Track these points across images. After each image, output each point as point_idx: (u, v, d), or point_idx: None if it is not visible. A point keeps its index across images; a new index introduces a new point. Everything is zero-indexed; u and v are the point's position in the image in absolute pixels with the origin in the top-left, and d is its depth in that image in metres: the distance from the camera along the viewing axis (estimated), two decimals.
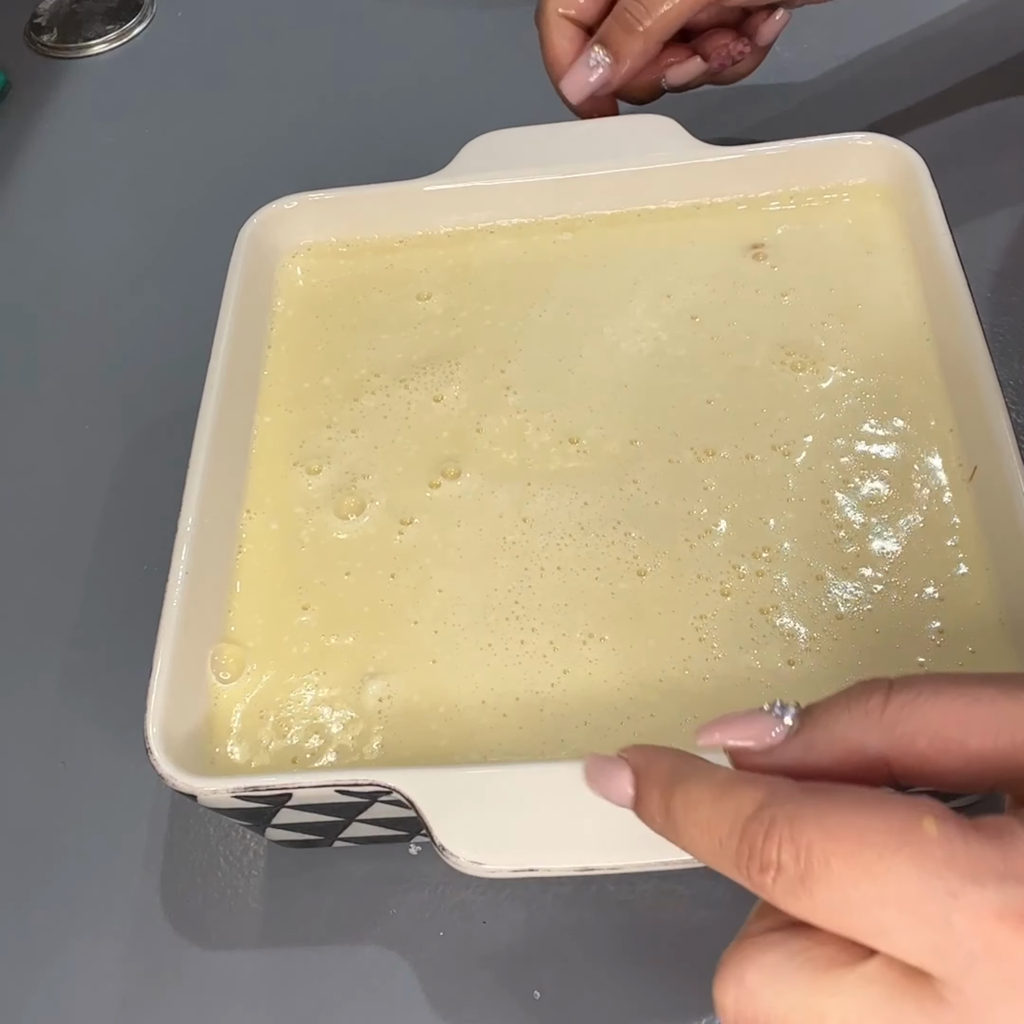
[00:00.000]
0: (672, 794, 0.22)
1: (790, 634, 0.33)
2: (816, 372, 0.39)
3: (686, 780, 0.22)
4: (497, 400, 0.40)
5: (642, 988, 0.33)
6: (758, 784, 0.21)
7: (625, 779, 0.24)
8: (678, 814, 0.22)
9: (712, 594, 0.34)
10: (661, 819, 0.23)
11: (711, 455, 0.37)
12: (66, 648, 0.42)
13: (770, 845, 0.20)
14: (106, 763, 0.39)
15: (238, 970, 0.35)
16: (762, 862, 0.20)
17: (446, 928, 0.35)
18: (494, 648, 0.34)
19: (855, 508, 0.35)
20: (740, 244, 0.42)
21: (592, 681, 0.33)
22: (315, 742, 0.33)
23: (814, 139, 0.42)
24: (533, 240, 0.44)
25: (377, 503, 0.38)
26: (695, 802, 0.22)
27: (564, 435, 0.38)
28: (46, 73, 0.65)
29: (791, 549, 0.35)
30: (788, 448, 0.37)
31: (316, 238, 0.45)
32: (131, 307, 0.53)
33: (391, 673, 0.34)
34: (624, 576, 0.35)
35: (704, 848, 0.22)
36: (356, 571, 0.36)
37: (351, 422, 0.40)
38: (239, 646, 0.35)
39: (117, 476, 0.47)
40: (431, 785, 0.29)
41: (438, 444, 0.39)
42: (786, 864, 0.20)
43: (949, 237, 0.38)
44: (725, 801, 0.21)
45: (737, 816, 0.21)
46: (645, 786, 0.24)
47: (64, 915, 0.37)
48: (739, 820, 0.21)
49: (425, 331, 0.42)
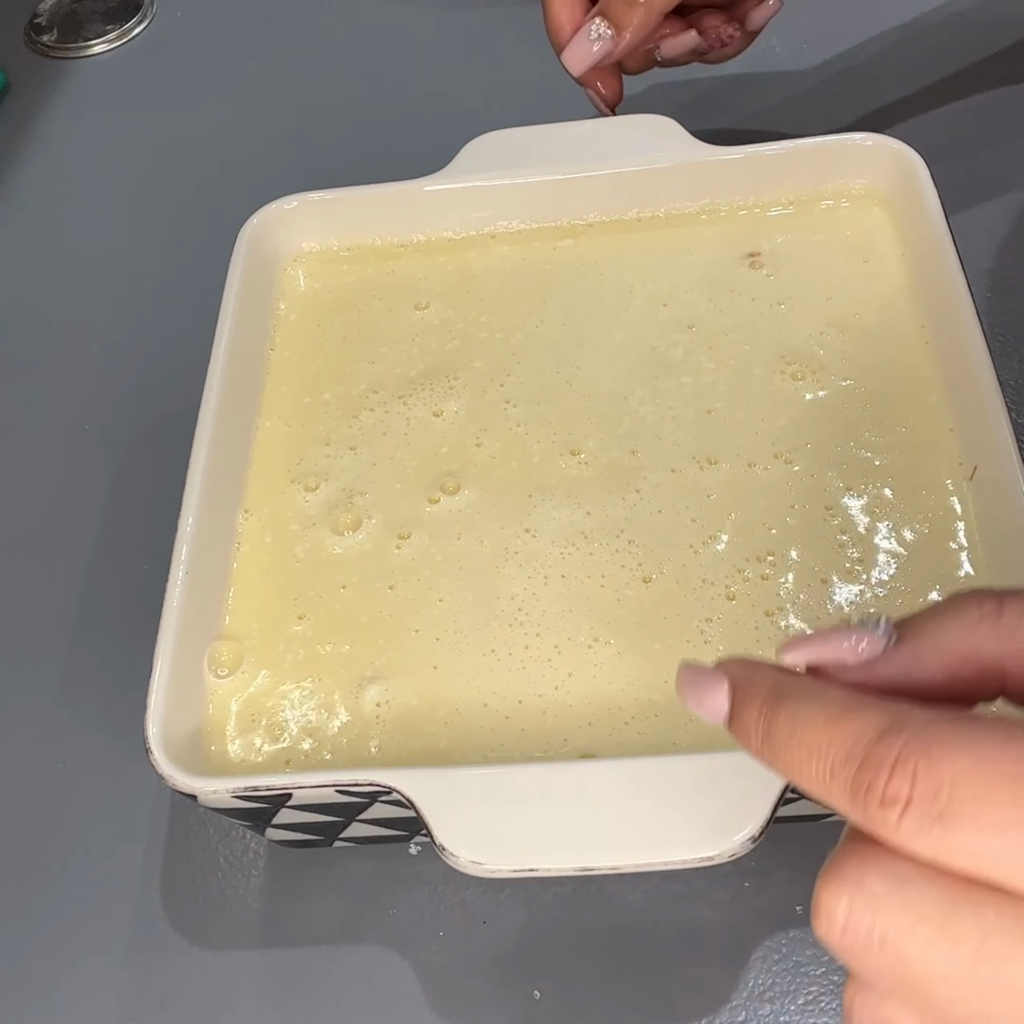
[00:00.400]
0: (776, 712, 0.20)
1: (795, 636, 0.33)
2: (816, 381, 0.39)
3: (793, 697, 0.20)
4: (497, 414, 0.40)
5: (642, 988, 0.33)
6: (882, 707, 0.19)
7: (721, 692, 0.22)
8: (781, 734, 0.20)
9: (717, 598, 0.34)
10: (759, 739, 0.21)
11: (713, 464, 0.37)
12: (66, 648, 0.42)
13: (900, 776, 0.18)
14: (106, 763, 0.39)
15: (238, 970, 0.35)
16: (886, 794, 0.18)
17: (446, 928, 0.35)
18: (497, 653, 0.34)
19: (857, 513, 0.35)
20: (737, 252, 0.42)
21: (597, 684, 0.33)
22: (309, 744, 0.33)
23: (814, 139, 0.42)
24: (534, 246, 0.44)
25: (374, 520, 0.37)
26: (804, 722, 0.20)
27: (565, 447, 0.38)
28: (46, 73, 0.65)
29: (795, 553, 0.35)
30: (790, 456, 0.37)
31: (317, 239, 0.45)
32: (131, 307, 0.53)
33: (390, 678, 0.34)
34: (629, 583, 0.35)
35: (809, 774, 0.19)
36: (353, 584, 0.36)
37: (350, 439, 0.40)
38: (236, 642, 0.35)
39: (117, 476, 0.47)
40: (431, 785, 0.29)
41: (437, 460, 0.39)
42: (919, 799, 0.18)
43: (949, 237, 0.38)
44: (842, 723, 0.19)
45: (857, 740, 0.19)
46: (743, 701, 0.22)
47: (64, 915, 0.37)
48: (859, 745, 0.19)
49: (423, 344, 0.42)
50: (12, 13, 0.68)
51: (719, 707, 0.22)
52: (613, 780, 0.29)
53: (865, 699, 0.20)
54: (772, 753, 0.21)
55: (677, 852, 0.28)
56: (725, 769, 0.29)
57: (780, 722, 0.20)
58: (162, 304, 0.52)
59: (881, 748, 0.18)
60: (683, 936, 0.34)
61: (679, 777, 0.29)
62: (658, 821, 0.28)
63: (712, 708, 0.22)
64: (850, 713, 0.19)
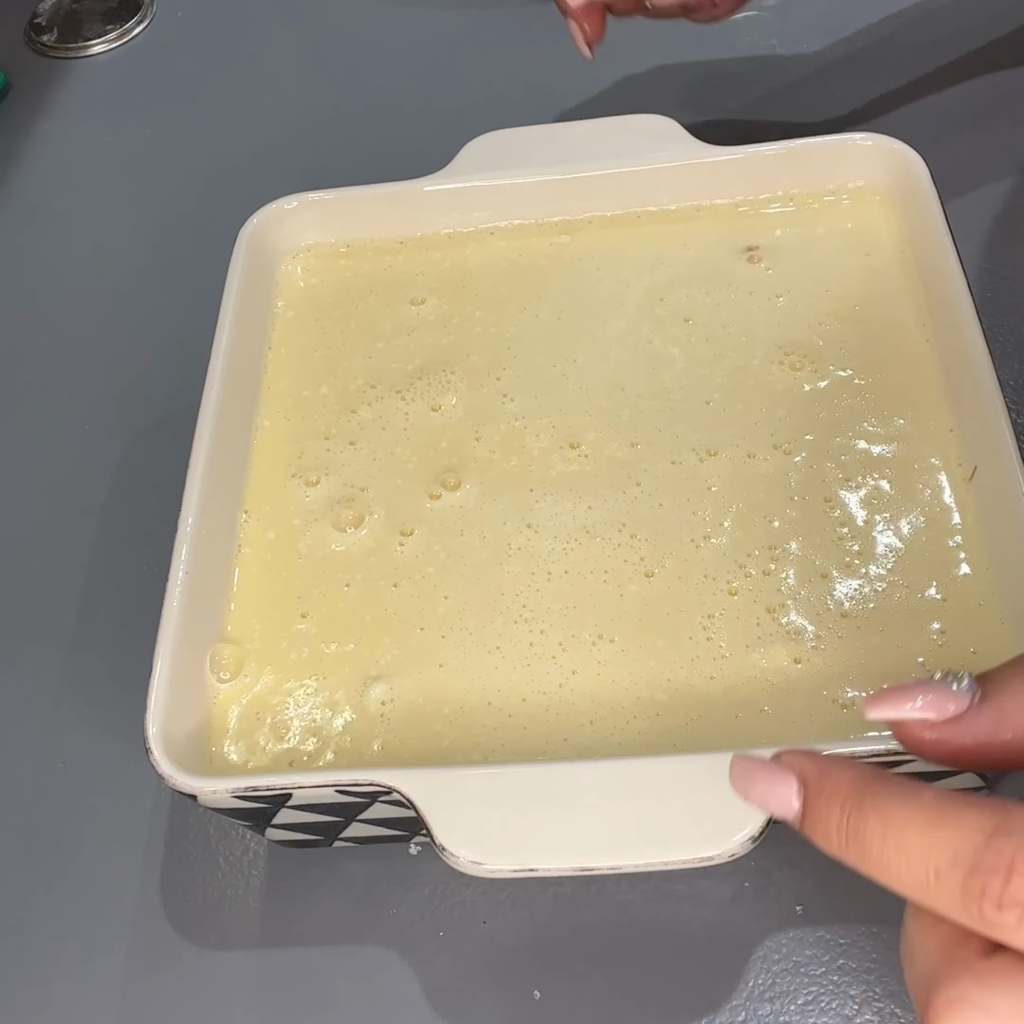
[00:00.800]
0: (864, 813, 0.20)
1: (796, 632, 0.33)
2: (815, 372, 0.39)
3: (882, 798, 0.20)
4: (495, 408, 0.40)
5: (642, 988, 0.33)
6: (982, 806, 0.19)
7: (790, 789, 0.22)
8: (873, 836, 0.20)
9: (719, 593, 0.34)
10: (842, 839, 0.20)
11: (713, 455, 0.37)
12: (66, 648, 0.42)
13: (1018, 879, 0.18)
14: (106, 763, 0.39)
15: (238, 970, 0.35)
16: (1004, 898, 0.18)
17: (446, 928, 0.35)
18: (503, 651, 0.34)
19: (857, 506, 0.35)
20: (734, 247, 0.42)
21: (600, 681, 0.33)
22: (312, 744, 0.33)
23: (814, 139, 0.42)
24: (530, 242, 0.44)
25: (376, 516, 0.37)
26: (900, 825, 0.19)
27: (564, 440, 0.38)
28: (46, 73, 0.65)
29: (796, 547, 0.35)
30: (789, 447, 0.37)
31: (316, 238, 0.45)
32: (131, 306, 0.53)
33: (395, 676, 0.34)
34: (632, 578, 0.35)
35: (908, 877, 0.19)
36: (356, 582, 0.36)
37: (349, 434, 0.40)
38: (238, 646, 0.35)
39: (117, 476, 0.47)
40: (431, 785, 0.29)
41: (437, 455, 0.39)
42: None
43: (949, 237, 0.38)
44: (945, 826, 0.19)
45: (963, 843, 0.19)
46: (819, 800, 0.21)
47: (64, 914, 0.37)
48: (966, 848, 0.19)
49: (419, 339, 0.42)
50: (12, 13, 0.68)
51: (787, 805, 0.22)
52: (613, 780, 0.29)
53: (960, 797, 0.20)
54: (861, 855, 0.20)
55: (677, 852, 0.28)
56: (725, 769, 0.29)
57: (870, 824, 0.20)
58: (162, 304, 0.52)
59: (992, 851, 0.18)
60: (683, 936, 0.34)
61: (679, 777, 0.29)
62: (658, 821, 0.28)
63: (779, 805, 0.22)
64: (950, 814, 0.19)
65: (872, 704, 0.22)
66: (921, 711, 0.21)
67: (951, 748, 0.21)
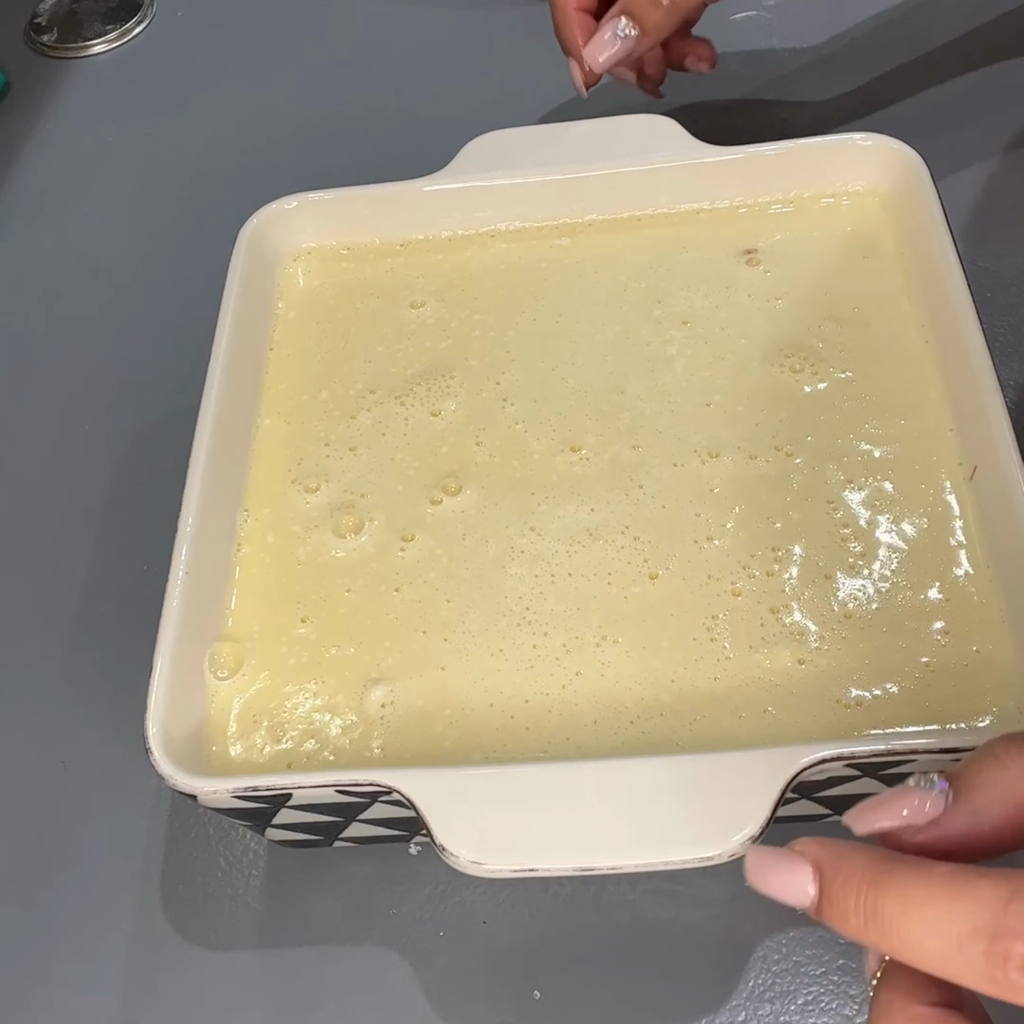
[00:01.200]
0: (881, 892, 0.20)
1: (800, 633, 0.33)
2: (815, 374, 0.39)
3: (897, 875, 0.21)
4: (495, 412, 0.39)
5: (642, 988, 0.33)
6: (1000, 877, 0.19)
7: (805, 877, 0.22)
8: (892, 914, 0.20)
9: (723, 594, 0.34)
10: (860, 920, 0.21)
11: (714, 457, 0.37)
12: (66, 648, 0.42)
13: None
14: (106, 763, 0.39)
15: (238, 970, 0.35)
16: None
17: (446, 928, 0.35)
18: (505, 653, 0.34)
19: (859, 507, 0.35)
20: (733, 250, 0.42)
21: (604, 683, 0.33)
22: (311, 745, 0.33)
23: (814, 139, 0.42)
24: (530, 244, 0.44)
25: (376, 522, 0.37)
26: (918, 901, 0.20)
27: (565, 443, 0.38)
28: (46, 73, 0.65)
29: (799, 549, 0.35)
30: (791, 449, 0.37)
31: (317, 239, 0.45)
32: (131, 306, 0.53)
33: (396, 680, 0.34)
34: (636, 580, 0.35)
35: (930, 950, 0.20)
36: (357, 587, 0.36)
37: (349, 440, 0.40)
38: (237, 643, 0.35)
39: (117, 476, 0.47)
40: (431, 785, 0.29)
41: (437, 460, 0.39)
42: None
43: (949, 237, 0.38)
44: (962, 897, 0.19)
45: (982, 913, 0.19)
46: (835, 883, 0.21)
47: (64, 915, 0.37)
48: (985, 917, 0.19)
49: (418, 343, 0.42)
50: (12, 13, 0.68)
51: (803, 892, 0.22)
52: (613, 780, 0.29)
53: (973, 870, 0.20)
54: (881, 934, 0.21)
55: (677, 852, 0.28)
56: (725, 769, 0.29)
57: (889, 901, 0.20)
58: (162, 304, 0.52)
59: (1012, 916, 0.19)
60: (683, 936, 0.34)
61: (679, 777, 0.29)
62: (658, 821, 0.28)
63: (796, 894, 0.22)
64: (966, 886, 0.20)
65: (857, 819, 0.22)
66: (903, 819, 0.22)
67: (937, 849, 0.21)
